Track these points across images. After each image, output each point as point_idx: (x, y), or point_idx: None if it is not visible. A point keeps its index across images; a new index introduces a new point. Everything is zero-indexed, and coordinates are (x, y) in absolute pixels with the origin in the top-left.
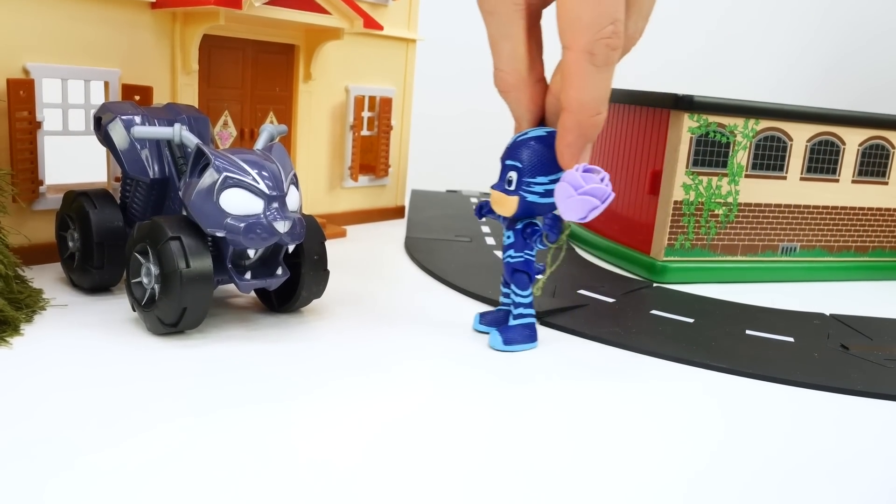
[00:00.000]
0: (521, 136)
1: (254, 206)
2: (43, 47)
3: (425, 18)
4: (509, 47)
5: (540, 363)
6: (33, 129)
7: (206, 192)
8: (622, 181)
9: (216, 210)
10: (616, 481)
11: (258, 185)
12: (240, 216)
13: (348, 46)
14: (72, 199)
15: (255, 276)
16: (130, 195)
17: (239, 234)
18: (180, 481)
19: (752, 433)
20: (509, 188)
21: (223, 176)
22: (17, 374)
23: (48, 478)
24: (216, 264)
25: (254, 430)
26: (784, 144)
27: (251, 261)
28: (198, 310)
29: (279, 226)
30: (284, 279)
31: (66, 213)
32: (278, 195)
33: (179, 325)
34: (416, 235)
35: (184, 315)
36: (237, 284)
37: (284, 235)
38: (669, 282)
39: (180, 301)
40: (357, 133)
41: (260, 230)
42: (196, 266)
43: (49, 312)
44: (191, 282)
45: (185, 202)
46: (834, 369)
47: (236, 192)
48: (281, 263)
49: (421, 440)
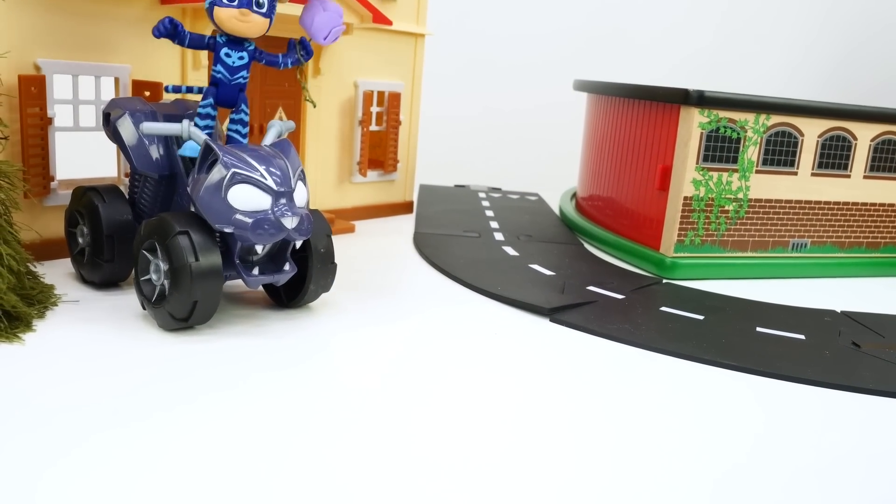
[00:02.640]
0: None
1: (262, 202)
2: (54, 43)
3: (433, 12)
4: None
5: (549, 361)
6: (44, 125)
7: (214, 188)
8: (631, 177)
9: (224, 206)
10: (623, 479)
11: (266, 181)
12: (248, 212)
13: (357, 41)
14: (80, 194)
15: (262, 271)
16: (139, 191)
17: (247, 230)
18: (186, 475)
19: (762, 432)
20: (260, 10)
21: (231, 172)
22: (31, 371)
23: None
24: (224, 260)
25: (262, 423)
26: (795, 140)
27: (259, 256)
28: (208, 304)
29: (287, 222)
30: (292, 274)
31: (76, 209)
32: (286, 191)
33: (190, 319)
34: (424, 231)
35: (194, 309)
36: (245, 280)
37: (292, 231)
38: (679, 278)
39: (191, 295)
40: (366, 128)
41: (268, 226)
42: (205, 260)
43: (61, 308)
44: (201, 275)
45: (192, 198)
46: (845, 367)
47: (244, 188)
48: (288, 259)
49: (430, 436)
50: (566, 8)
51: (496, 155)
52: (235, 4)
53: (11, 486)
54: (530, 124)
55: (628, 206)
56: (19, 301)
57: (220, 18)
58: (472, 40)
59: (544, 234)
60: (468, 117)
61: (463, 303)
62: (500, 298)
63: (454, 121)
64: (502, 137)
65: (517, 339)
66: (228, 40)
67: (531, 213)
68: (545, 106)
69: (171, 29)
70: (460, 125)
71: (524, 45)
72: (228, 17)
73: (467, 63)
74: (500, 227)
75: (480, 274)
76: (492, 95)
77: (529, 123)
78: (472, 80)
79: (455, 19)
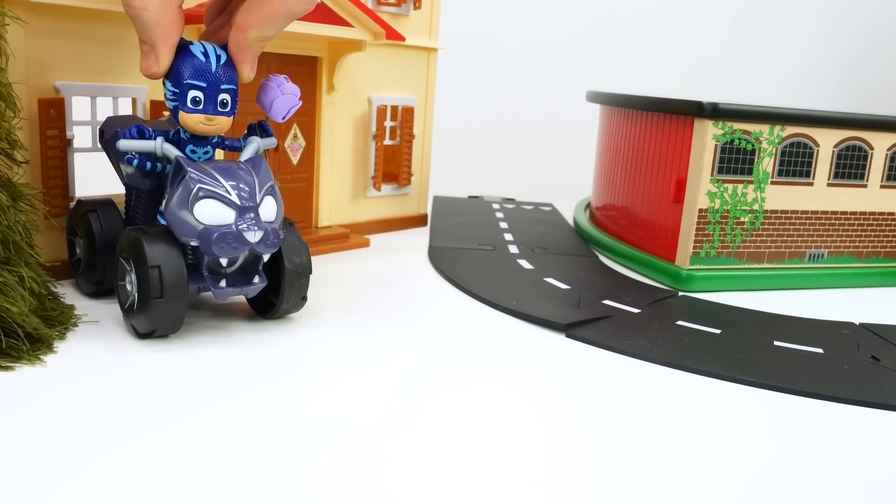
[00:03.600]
0: (217, 63)
1: (226, 216)
2: (72, 66)
3: (445, 25)
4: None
5: (565, 378)
6: (63, 146)
7: (181, 202)
8: (646, 188)
9: (190, 220)
10: (640, 498)
11: (230, 196)
12: (212, 226)
13: (370, 57)
14: (78, 208)
15: (231, 283)
16: (133, 204)
17: (210, 244)
18: (213, 487)
19: (781, 449)
20: (224, 110)
21: (196, 187)
22: (54, 392)
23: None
24: (195, 272)
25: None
26: (811, 150)
27: (233, 269)
28: (168, 327)
29: (250, 236)
30: (261, 287)
31: (73, 222)
32: (251, 206)
33: (154, 333)
34: (439, 244)
35: (153, 333)
36: (213, 292)
37: (256, 245)
38: (694, 290)
39: (151, 323)
40: (380, 142)
41: (231, 239)
42: (169, 292)
43: (81, 329)
44: (164, 307)
45: (164, 212)
46: (864, 382)
47: (209, 202)
48: (259, 272)
49: (442, 452)
50: (577, 19)
51: (509, 165)
52: (201, 109)
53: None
54: (543, 134)
55: (643, 217)
56: (41, 323)
57: (187, 123)
58: (484, 51)
59: (559, 246)
60: (481, 128)
61: (478, 318)
62: (515, 314)
63: (467, 131)
64: (515, 148)
65: (533, 356)
66: (192, 137)
67: (545, 224)
68: (557, 116)
69: (138, 137)
70: (473, 136)
71: (536, 56)
72: (195, 123)
73: (480, 74)
74: (515, 240)
75: (496, 288)
76: (504, 106)
77: (542, 134)
78: (484, 90)
79: (467, 31)
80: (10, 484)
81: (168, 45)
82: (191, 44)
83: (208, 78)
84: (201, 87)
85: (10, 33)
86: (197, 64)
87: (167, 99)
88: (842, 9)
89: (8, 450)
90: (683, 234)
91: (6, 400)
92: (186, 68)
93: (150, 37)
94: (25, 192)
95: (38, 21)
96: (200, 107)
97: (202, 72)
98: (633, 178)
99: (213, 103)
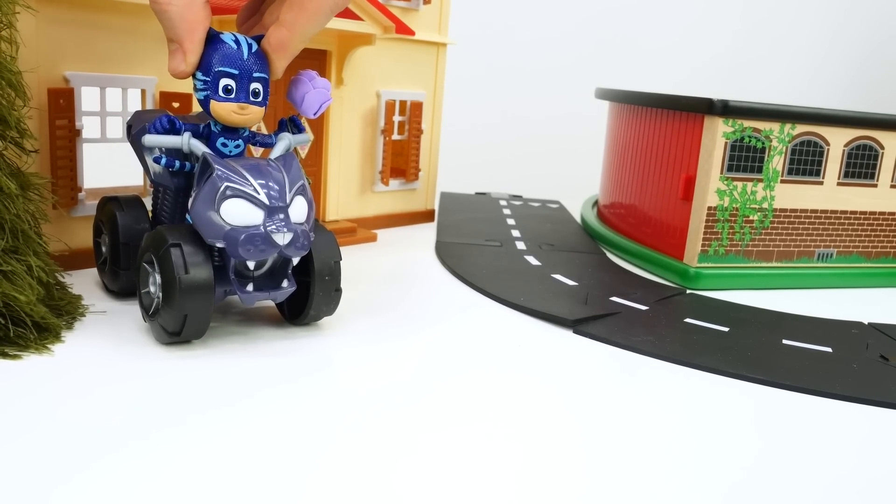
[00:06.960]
0: (249, 51)
1: (254, 217)
2: (82, 56)
3: (455, 21)
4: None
5: (572, 373)
6: (72, 136)
7: (207, 201)
8: (654, 186)
9: (217, 220)
10: (647, 492)
11: (258, 195)
12: (239, 227)
13: (379, 52)
14: (103, 203)
15: (259, 287)
16: (160, 202)
17: (237, 246)
18: (206, 486)
19: (789, 447)
20: (256, 99)
21: (224, 186)
22: (61, 381)
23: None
24: (222, 275)
25: (290, 436)
26: (821, 149)
27: (260, 272)
28: (199, 317)
29: (279, 238)
30: (290, 292)
31: (99, 218)
32: (280, 206)
33: (182, 333)
34: (446, 240)
35: (185, 323)
36: (240, 296)
37: (284, 248)
38: (703, 288)
39: (181, 308)
40: (388, 137)
41: (259, 241)
42: (196, 273)
43: (89, 319)
44: (190, 289)
45: (189, 211)
46: (873, 381)
47: (236, 202)
48: (288, 276)
49: (450, 448)
50: (586, 16)
51: (517, 162)
52: (233, 98)
53: (31, 495)
54: (551, 131)
55: (651, 215)
56: (48, 312)
57: (218, 113)
58: (493, 47)
59: (566, 243)
60: (489, 124)
61: (486, 314)
62: (523, 310)
63: (475, 128)
64: (523, 144)
65: (541, 351)
66: (224, 129)
67: (553, 221)
68: (566, 113)
69: (168, 127)
70: (481, 132)
71: (545, 52)
72: (227, 112)
73: (488, 70)
74: (522, 236)
75: (503, 284)
76: (512, 102)
77: (550, 130)
78: (493, 87)
79: (476, 27)
80: (16, 475)
81: (195, 41)
82: (221, 34)
83: (240, 65)
84: (233, 75)
85: (21, 22)
86: (228, 51)
87: (197, 90)
88: (852, 7)
89: (17, 438)
90: (692, 231)
91: (14, 389)
92: (217, 56)
93: (176, 32)
94: (34, 181)
95: (49, 10)
96: (232, 95)
97: (234, 59)
98: (642, 176)
99: (246, 91)
